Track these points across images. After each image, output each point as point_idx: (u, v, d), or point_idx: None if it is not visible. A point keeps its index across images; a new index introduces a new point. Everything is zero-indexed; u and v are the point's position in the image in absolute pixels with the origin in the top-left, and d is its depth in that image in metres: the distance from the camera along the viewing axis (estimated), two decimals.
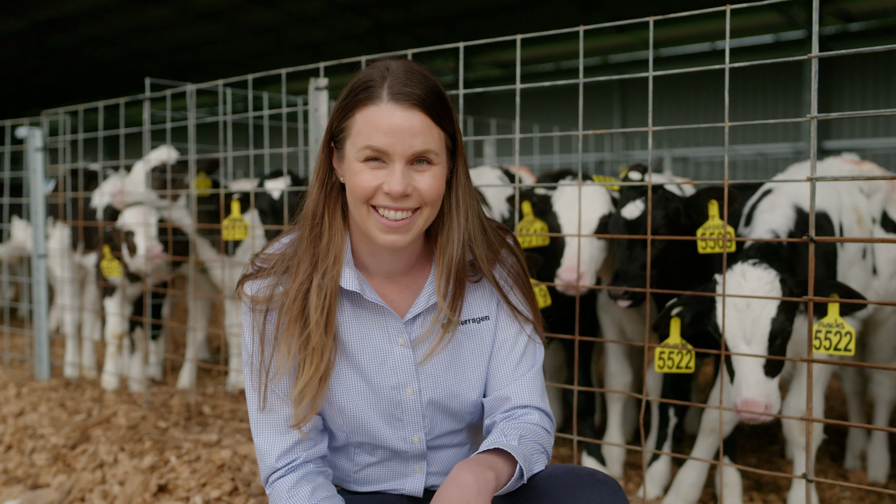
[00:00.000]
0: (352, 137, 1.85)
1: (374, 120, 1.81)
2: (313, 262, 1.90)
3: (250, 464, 3.69)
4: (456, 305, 1.95)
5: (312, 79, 3.79)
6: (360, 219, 1.87)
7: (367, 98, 1.83)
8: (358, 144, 1.83)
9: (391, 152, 1.81)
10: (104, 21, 16.43)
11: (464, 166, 1.97)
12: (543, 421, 1.98)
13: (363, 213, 1.86)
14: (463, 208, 1.95)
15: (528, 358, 2.03)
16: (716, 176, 13.81)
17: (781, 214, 3.31)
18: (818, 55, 2.41)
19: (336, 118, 1.90)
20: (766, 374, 2.90)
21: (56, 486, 3.82)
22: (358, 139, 1.83)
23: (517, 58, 3.22)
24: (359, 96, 1.85)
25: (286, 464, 1.94)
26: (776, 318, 2.90)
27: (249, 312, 1.93)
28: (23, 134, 5.85)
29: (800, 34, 14.97)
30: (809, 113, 2.41)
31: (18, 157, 6.69)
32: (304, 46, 18.05)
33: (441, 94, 1.87)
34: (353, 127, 1.85)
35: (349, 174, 1.86)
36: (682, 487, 3.52)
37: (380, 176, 1.82)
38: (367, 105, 1.83)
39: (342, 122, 1.88)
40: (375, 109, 1.82)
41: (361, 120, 1.83)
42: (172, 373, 6.07)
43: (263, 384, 1.92)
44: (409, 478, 2.04)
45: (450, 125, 1.89)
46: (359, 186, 1.83)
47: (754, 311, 2.91)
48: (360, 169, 1.83)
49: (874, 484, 3.88)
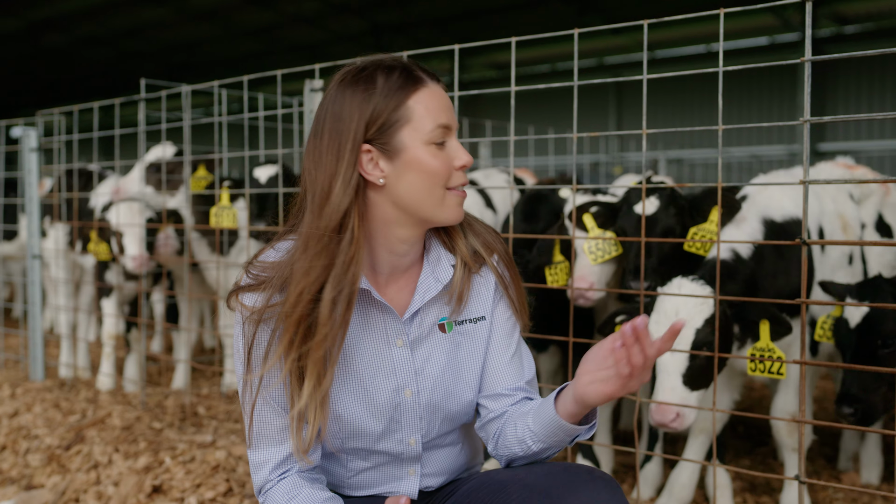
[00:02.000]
0: (413, 123, 1.82)
1: (432, 100, 1.84)
2: (328, 269, 1.81)
3: (245, 465, 3.69)
4: (464, 296, 1.98)
5: (308, 80, 3.79)
6: (432, 203, 1.86)
7: (414, 81, 1.84)
8: (426, 127, 1.82)
9: (452, 126, 1.87)
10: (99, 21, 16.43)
11: None
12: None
13: (437, 199, 1.86)
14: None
15: (524, 355, 2.07)
16: (710, 178, 13.84)
17: (747, 230, 3.31)
18: (811, 59, 2.42)
19: (382, 113, 1.82)
20: (685, 384, 2.93)
21: (50, 487, 3.82)
22: (423, 123, 1.82)
23: (512, 59, 3.23)
24: (407, 83, 1.83)
25: (280, 474, 1.92)
26: (701, 329, 2.95)
27: (244, 324, 1.87)
28: (17, 134, 5.83)
29: (794, 37, 15.03)
30: (803, 116, 2.42)
31: (13, 158, 6.68)
32: (300, 47, 18.07)
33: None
34: (409, 113, 1.82)
35: (416, 163, 1.83)
36: (674, 488, 3.54)
37: (448, 156, 1.87)
38: (417, 88, 1.83)
39: (394, 113, 1.82)
40: (426, 91, 1.84)
41: (418, 103, 1.82)
42: (167, 373, 6.07)
43: (255, 397, 1.88)
44: (404, 480, 2.04)
45: None
46: (439, 170, 1.84)
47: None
48: (433, 153, 1.83)
49: (867, 485, 3.90)
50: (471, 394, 2.01)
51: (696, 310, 2.96)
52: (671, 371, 2.93)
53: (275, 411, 1.90)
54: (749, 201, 3.44)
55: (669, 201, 3.46)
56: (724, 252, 3.21)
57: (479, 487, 1.93)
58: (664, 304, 3.00)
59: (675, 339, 1.69)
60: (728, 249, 3.23)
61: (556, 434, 1.85)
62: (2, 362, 6.29)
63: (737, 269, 3.18)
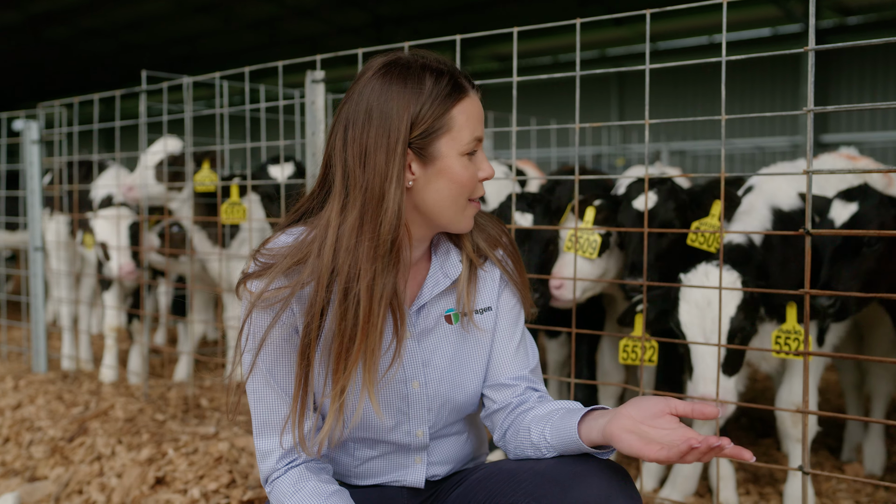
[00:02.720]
0: (452, 133, 1.83)
1: (472, 111, 1.86)
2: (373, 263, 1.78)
3: (248, 456, 3.70)
4: (471, 291, 1.99)
5: (309, 71, 3.78)
6: (454, 213, 1.88)
7: (460, 91, 1.85)
8: (464, 139, 1.84)
9: (482, 139, 1.90)
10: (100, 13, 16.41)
11: None
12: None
13: (460, 207, 1.88)
14: None
15: (527, 344, 2.07)
16: (713, 169, 13.82)
17: (757, 217, 3.33)
18: (815, 48, 2.41)
19: (426, 118, 1.81)
20: (724, 373, 2.96)
21: (54, 479, 3.82)
22: (462, 134, 1.84)
23: (514, 50, 3.21)
24: (452, 91, 1.83)
25: (287, 463, 1.92)
26: (735, 317, 2.96)
27: (252, 312, 1.85)
28: (19, 126, 5.84)
29: (797, 27, 14.98)
30: (806, 106, 2.41)
31: (14, 150, 6.68)
32: (301, 39, 18.02)
33: None
34: (452, 122, 1.83)
35: (449, 171, 1.84)
36: (677, 479, 3.54)
37: (473, 168, 1.88)
38: (461, 97, 1.85)
39: (438, 120, 1.82)
40: (468, 101, 1.86)
41: (461, 114, 1.84)
42: (169, 365, 6.07)
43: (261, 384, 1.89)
44: (410, 469, 2.04)
45: None
46: (469, 181, 1.86)
47: (714, 310, 2.95)
48: (465, 163, 1.85)
49: (870, 476, 3.90)
50: (477, 384, 2.02)
51: (728, 296, 2.96)
52: (710, 362, 2.92)
53: (281, 399, 1.89)
54: (757, 191, 3.45)
55: (669, 196, 3.45)
56: (738, 237, 3.22)
57: (489, 476, 1.93)
58: (692, 294, 2.99)
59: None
60: (742, 237, 3.24)
61: (573, 450, 1.84)
62: (5, 354, 6.30)
63: (751, 254, 3.20)
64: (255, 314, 1.86)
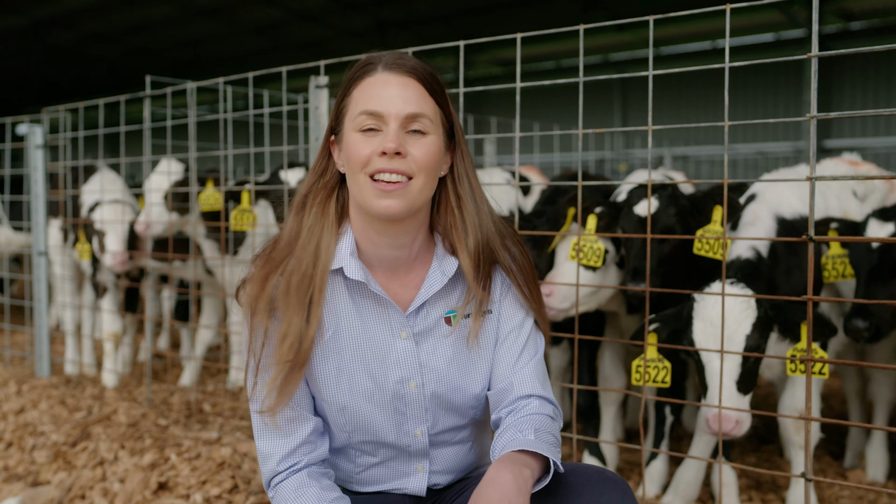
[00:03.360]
0: (349, 111, 1.91)
1: (370, 88, 1.89)
2: (290, 247, 1.93)
3: (250, 461, 3.70)
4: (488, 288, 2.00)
5: (313, 77, 3.79)
6: (359, 191, 1.89)
7: (364, 73, 1.92)
8: (354, 113, 1.89)
9: (385, 114, 1.86)
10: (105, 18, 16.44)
11: (467, 153, 2.02)
12: (545, 408, 1.97)
13: (361, 184, 1.88)
14: (478, 194, 2.00)
15: (530, 348, 2.04)
16: (716, 174, 13.81)
17: (765, 227, 3.32)
18: (818, 54, 2.41)
19: (336, 104, 1.97)
20: (738, 390, 2.92)
21: (56, 484, 3.83)
22: (355, 109, 1.89)
23: (517, 56, 3.22)
24: (356, 74, 1.93)
25: (288, 467, 1.93)
26: (751, 335, 2.93)
27: (249, 315, 1.92)
28: (23, 131, 5.87)
29: (800, 33, 14.97)
30: (810, 112, 2.41)
31: (19, 155, 6.69)
32: (305, 44, 18.05)
33: (435, 74, 1.95)
34: (350, 103, 1.92)
35: (347, 148, 1.90)
36: (680, 486, 3.53)
37: (375, 142, 1.86)
38: (363, 78, 1.92)
39: (340, 103, 1.94)
40: (370, 79, 1.91)
41: (358, 92, 1.91)
42: (172, 370, 6.08)
43: (255, 383, 1.91)
44: (412, 477, 2.04)
45: (445, 104, 1.95)
46: (356, 154, 1.87)
47: (729, 328, 2.92)
48: (358, 138, 1.88)
49: (873, 483, 3.89)
50: (477, 387, 2.01)
51: (743, 315, 2.92)
52: (725, 380, 2.88)
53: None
54: (760, 199, 3.44)
55: (670, 202, 3.43)
56: (747, 251, 3.21)
57: None
58: (707, 312, 2.95)
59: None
60: (750, 248, 3.22)
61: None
62: (8, 359, 6.31)
63: (760, 269, 3.18)
64: (251, 318, 1.92)
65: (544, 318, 2.08)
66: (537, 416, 1.93)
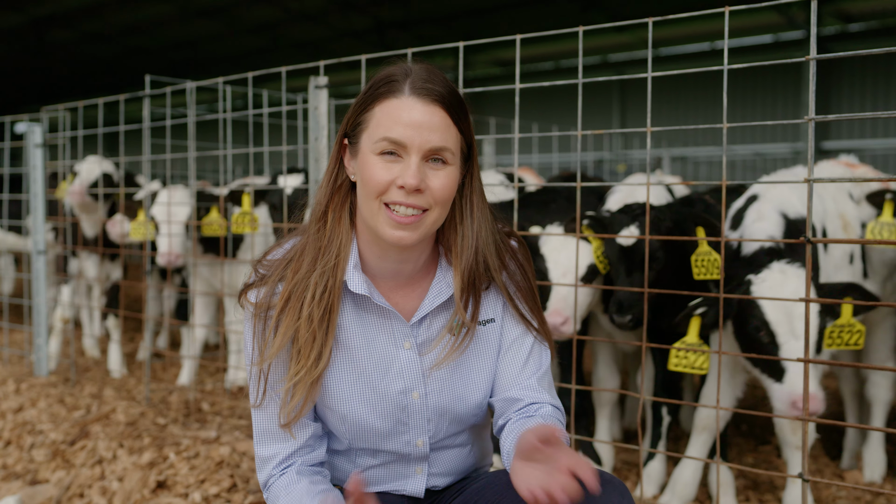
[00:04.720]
0: (369, 130, 1.85)
1: (395, 112, 1.81)
2: (314, 259, 1.89)
3: (249, 460, 3.70)
4: (476, 314, 1.95)
5: (312, 77, 3.80)
6: (370, 214, 1.85)
7: (389, 91, 1.84)
8: (375, 136, 1.82)
9: (409, 145, 1.80)
10: (104, 17, 16.42)
11: (477, 173, 1.97)
12: (557, 414, 1.97)
13: (373, 209, 1.83)
14: (478, 216, 1.95)
15: (535, 359, 2.02)
16: (714, 175, 13.82)
17: (773, 222, 3.35)
18: (816, 57, 2.42)
19: (354, 112, 1.89)
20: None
21: (55, 482, 3.83)
22: (376, 131, 1.83)
23: (516, 57, 3.23)
24: (380, 90, 1.85)
25: (284, 468, 1.95)
26: (820, 313, 2.98)
27: (252, 320, 1.91)
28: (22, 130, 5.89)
29: (799, 34, 14.98)
30: (808, 114, 2.42)
31: (18, 154, 6.70)
32: (304, 44, 18.04)
33: (460, 97, 1.88)
34: (371, 120, 1.85)
35: (363, 167, 1.84)
36: (677, 486, 3.54)
37: (394, 170, 1.81)
38: (387, 98, 1.83)
39: (360, 115, 1.88)
40: (396, 102, 1.82)
41: (381, 112, 1.83)
42: (172, 369, 6.08)
43: (263, 391, 1.91)
44: (411, 479, 2.05)
45: (467, 129, 1.89)
46: (373, 179, 1.81)
47: (800, 307, 2.94)
48: (376, 162, 1.82)
49: (870, 484, 3.90)
50: (479, 396, 2.01)
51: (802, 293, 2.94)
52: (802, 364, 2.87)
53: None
54: (763, 198, 3.45)
55: (652, 229, 3.36)
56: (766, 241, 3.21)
57: (488, 486, 1.94)
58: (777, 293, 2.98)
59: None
60: (769, 236, 3.25)
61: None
62: (6, 358, 6.31)
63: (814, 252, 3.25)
64: (254, 323, 1.90)
65: (547, 332, 2.05)
66: (550, 418, 1.93)
